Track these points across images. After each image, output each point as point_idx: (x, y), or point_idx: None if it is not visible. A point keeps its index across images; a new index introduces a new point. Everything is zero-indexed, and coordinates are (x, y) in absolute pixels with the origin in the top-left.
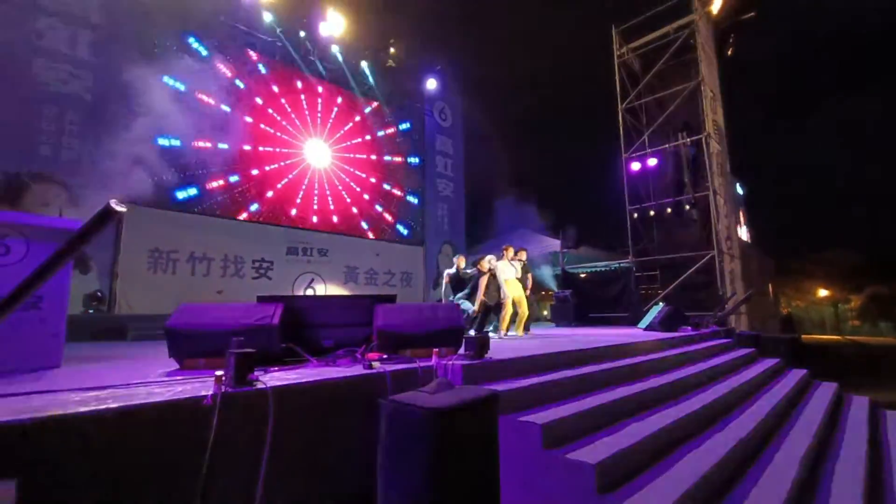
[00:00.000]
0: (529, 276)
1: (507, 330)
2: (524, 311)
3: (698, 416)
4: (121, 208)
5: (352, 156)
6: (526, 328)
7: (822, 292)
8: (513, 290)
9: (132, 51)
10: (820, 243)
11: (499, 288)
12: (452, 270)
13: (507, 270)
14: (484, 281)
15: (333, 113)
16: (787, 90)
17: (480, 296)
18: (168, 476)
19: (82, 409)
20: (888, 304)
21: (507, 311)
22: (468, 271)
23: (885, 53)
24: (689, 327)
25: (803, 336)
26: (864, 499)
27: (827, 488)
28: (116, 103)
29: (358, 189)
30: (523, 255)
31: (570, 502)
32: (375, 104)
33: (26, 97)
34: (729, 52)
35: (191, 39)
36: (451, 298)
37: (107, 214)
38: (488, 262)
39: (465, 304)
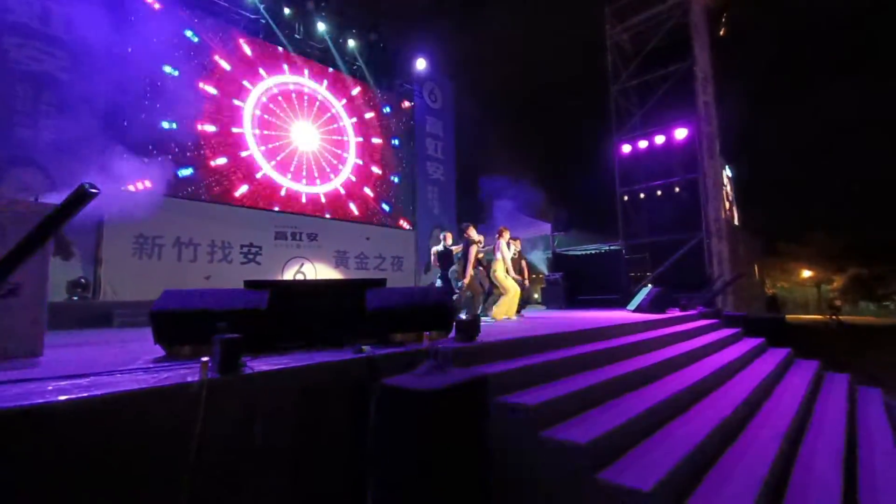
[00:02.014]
0: (524, 262)
1: (518, 312)
2: (512, 292)
3: (685, 394)
4: (94, 191)
5: (340, 138)
6: (518, 311)
7: (806, 273)
8: (500, 272)
9: (106, 27)
10: (805, 225)
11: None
12: (440, 247)
13: (505, 252)
14: (474, 250)
15: (320, 94)
16: (778, 73)
17: (470, 268)
18: (154, 464)
19: (62, 397)
20: (869, 285)
21: (508, 295)
22: (454, 246)
23: (877, 38)
24: (677, 308)
25: (787, 316)
26: (843, 469)
27: (808, 460)
28: (92, 83)
29: (347, 172)
30: (518, 244)
31: (561, 481)
32: (363, 85)
33: None
34: (721, 33)
35: (171, 17)
36: (439, 276)
37: (81, 197)
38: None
39: (458, 283)
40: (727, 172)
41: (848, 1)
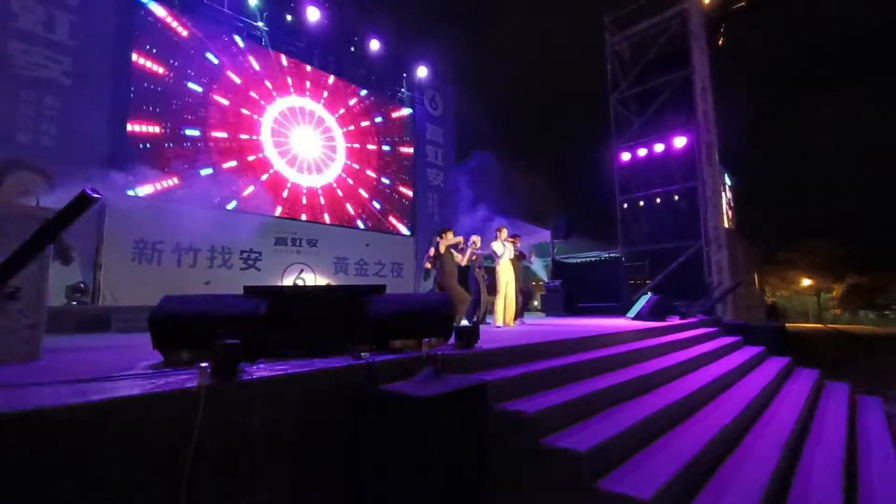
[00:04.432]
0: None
1: (503, 321)
2: (512, 298)
3: (685, 403)
4: (96, 196)
5: (338, 143)
6: (518, 316)
7: (806, 282)
8: (505, 274)
9: (111, 34)
10: (804, 234)
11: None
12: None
13: (503, 251)
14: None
15: (322, 101)
16: (777, 82)
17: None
18: (151, 470)
19: (60, 402)
20: (868, 294)
21: (501, 299)
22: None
23: (873, 49)
24: (677, 316)
25: (787, 325)
26: (844, 479)
27: (808, 470)
28: (96, 88)
29: (348, 178)
30: (518, 241)
31: (559, 489)
32: (365, 92)
33: (2, 82)
34: (720, 42)
35: (175, 24)
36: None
37: (82, 202)
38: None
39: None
40: (726, 181)
41: (846, 10)
